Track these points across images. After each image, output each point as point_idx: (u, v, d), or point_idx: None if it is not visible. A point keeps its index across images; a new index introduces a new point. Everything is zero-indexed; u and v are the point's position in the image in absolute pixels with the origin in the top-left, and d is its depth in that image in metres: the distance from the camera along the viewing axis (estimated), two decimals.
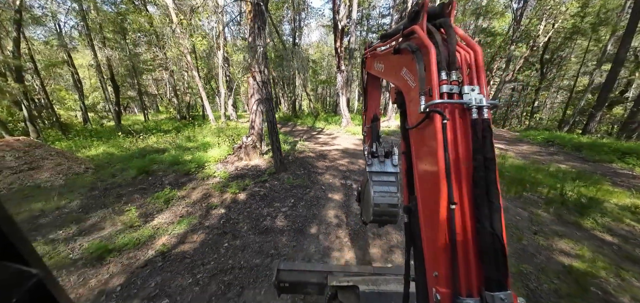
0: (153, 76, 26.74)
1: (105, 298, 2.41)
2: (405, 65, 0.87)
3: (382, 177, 1.24)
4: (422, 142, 0.80)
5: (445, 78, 0.70)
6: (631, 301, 2.58)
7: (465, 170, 0.69)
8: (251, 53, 5.62)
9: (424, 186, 0.81)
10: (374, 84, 1.64)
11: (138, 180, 5.93)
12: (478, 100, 0.68)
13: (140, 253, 3.08)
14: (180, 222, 3.80)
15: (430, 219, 0.77)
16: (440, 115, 0.69)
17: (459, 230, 0.68)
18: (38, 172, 6.55)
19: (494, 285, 0.64)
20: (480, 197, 0.66)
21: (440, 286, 0.71)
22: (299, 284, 1.71)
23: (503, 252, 0.65)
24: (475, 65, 0.73)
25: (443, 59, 0.71)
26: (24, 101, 12.66)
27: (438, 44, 0.73)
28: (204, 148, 9.06)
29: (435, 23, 0.80)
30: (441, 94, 0.70)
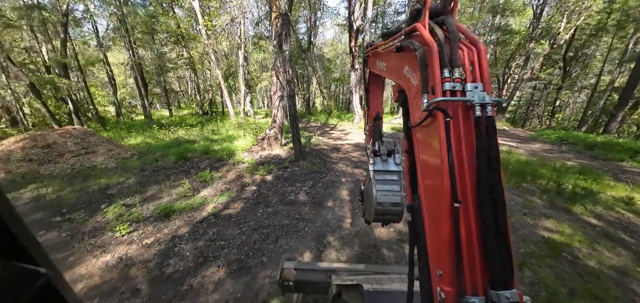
0: (176, 74, 28.47)
1: (178, 240, 3.28)
2: (408, 64, 0.87)
3: (385, 176, 1.24)
4: (425, 140, 0.80)
5: (447, 76, 0.70)
6: (597, 264, 3.10)
7: (469, 168, 0.69)
8: (277, 56, 6.41)
9: (428, 184, 0.80)
10: (376, 83, 1.65)
11: (178, 165, 6.91)
12: (481, 98, 0.67)
13: (196, 214, 3.95)
14: (222, 195, 4.66)
15: (434, 218, 0.77)
16: (443, 113, 0.69)
17: (463, 229, 0.67)
18: (94, 155, 7.72)
19: (500, 284, 0.64)
20: (485, 195, 0.66)
21: (444, 285, 0.71)
22: (303, 283, 1.70)
23: (508, 250, 0.65)
24: (478, 62, 0.73)
25: (445, 56, 0.71)
26: (72, 95, 14.27)
27: (440, 41, 0.72)
28: (229, 140, 10.03)
29: (438, 20, 0.80)
30: (444, 92, 0.70)
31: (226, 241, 3.26)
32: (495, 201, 0.66)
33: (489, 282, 0.66)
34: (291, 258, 2.15)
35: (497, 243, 0.65)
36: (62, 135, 8.00)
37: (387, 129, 13.39)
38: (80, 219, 3.87)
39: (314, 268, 1.79)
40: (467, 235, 0.68)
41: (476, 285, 0.67)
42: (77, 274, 2.70)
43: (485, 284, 0.66)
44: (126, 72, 26.32)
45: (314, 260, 2.99)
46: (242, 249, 3.11)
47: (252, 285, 2.57)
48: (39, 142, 7.55)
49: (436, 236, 0.76)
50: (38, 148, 7.42)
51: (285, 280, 1.69)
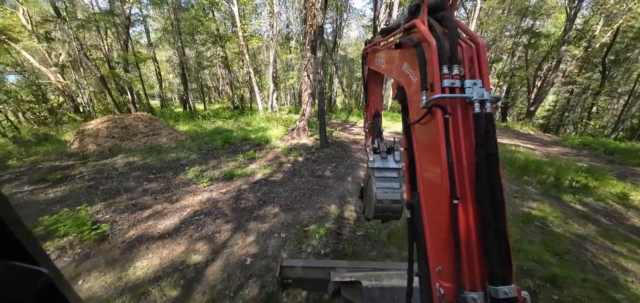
0: (211, 71, 31.10)
1: (243, 191, 4.65)
2: (407, 60, 0.87)
3: (385, 173, 1.24)
4: (425, 137, 0.81)
5: (446, 72, 0.70)
6: (562, 231, 3.91)
7: (467, 165, 0.69)
8: (310, 59, 7.65)
9: (427, 181, 0.81)
10: (375, 80, 1.66)
11: (225, 147, 8.46)
12: (480, 94, 0.67)
13: (251, 178, 5.33)
14: (266, 168, 6.02)
15: (433, 214, 0.78)
16: (442, 110, 0.69)
17: (462, 225, 0.68)
18: (159, 137, 9.55)
19: (498, 280, 0.65)
20: (483, 192, 0.67)
21: (443, 281, 0.72)
22: (302, 280, 1.73)
23: (507, 246, 0.66)
24: (477, 58, 0.73)
25: (444, 53, 0.70)
26: (131, 87, 16.80)
27: (439, 37, 0.72)
28: (262, 130, 11.53)
29: (437, 16, 0.80)
30: (443, 89, 0.69)
31: (275, 195, 4.56)
32: (494, 197, 0.67)
33: (488, 277, 0.67)
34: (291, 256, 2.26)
35: (496, 239, 0.66)
36: (135, 119, 9.97)
37: None
38: (170, 176, 5.43)
39: (313, 265, 1.78)
40: (466, 231, 0.69)
41: (475, 281, 0.68)
42: (183, 204, 4.15)
43: (484, 280, 0.67)
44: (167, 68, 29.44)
45: (337, 215, 4.14)
46: (287, 199, 4.39)
47: (296, 217, 3.82)
48: (118, 124, 9.54)
49: (435, 232, 0.77)
50: (118, 128, 9.39)
51: (284, 277, 1.70)
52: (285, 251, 3.05)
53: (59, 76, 15.96)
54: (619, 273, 3.02)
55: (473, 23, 18.08)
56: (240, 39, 17.03)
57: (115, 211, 3.92)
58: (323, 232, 3.42)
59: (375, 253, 3.08)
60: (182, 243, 3.17)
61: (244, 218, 3.79)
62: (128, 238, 3.23)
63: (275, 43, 18.56)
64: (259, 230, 3.47)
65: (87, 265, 2.76)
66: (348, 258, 2.96)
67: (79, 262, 2.81)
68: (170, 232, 3.39)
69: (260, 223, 3.66)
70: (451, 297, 0.70)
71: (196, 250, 3.03)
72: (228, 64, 22.68)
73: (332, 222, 3.73)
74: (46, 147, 8.59)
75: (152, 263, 2.80)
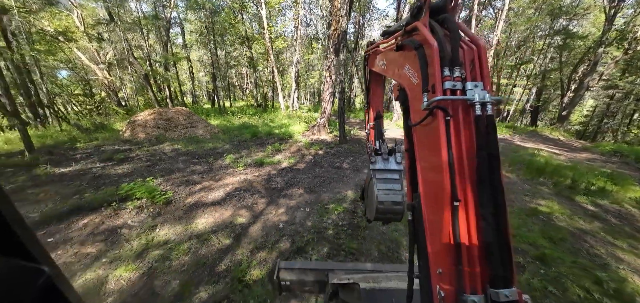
0: (238, 70, 32.88)
1: (272, 175, 5.43)
2: (408, 62, 0.88)
3: (386, 175, 1.26)
4: (425, 139, 0.81)
5: (448, 74, 0.71)
6: (565, 224, 4.19)
7: (469, 167, 0.70)
8: (332, 61, 8.30)
9: (428, 183, 0.82)
10: (377, 82, 1.70)
11: (253, 140, 9.37)
12: (481, 97, 0.68)
13: (278, 166, 6.10)
14: (291, 158, 6.77)
15: (433, 216, 0.78)
16: (444, 112, 0.70)
17: (462, 227, 0.68)
18: (196, 129, 10.73)
19: (499, 282, 0.65)
20: (485, 194, 0.67)
21: (444, 283, 0.72)
22: (300, 282, 1.73)
23: (508, 248, 0.66)
24: (478, 61, 0.73)
25: (446, 55, 0.71)
26: (169, 84, 18.55)
27: (441, 40, 0.73)
28: (285, 126, 12.38)
29: (438, 19, 0.81)
30: (444, 91, 0.71)
31: (300, 180, 5.29)
32: (495, 199, 0.67)
33: (489, 280, 0.66)
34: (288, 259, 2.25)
35: (497, 242, 0.65)
36: (176, 113, 11.26)
37: None
38: (211, 161, 6.36)
39: (311, 267, 1.79)
40: (467, 233, 0.69)
41: (475, 284, 0.67)
42: (226, 182, 5.00)
43: (484, 282, 0.67)
44: (198, 67, 31.63)
45: (353, 198, 4.73)
46: (310, 184, 5.09)
47: (318, 197, 4.50)
48: (163, 116, 10.86)
49: (436, 234, 0.77)
50: (162, 120, 10.70)
51: (282, 280, 1.69)
52: (310, 220, 3.73)
53: (105, 73, 18.05)
54: (611, 261, 3.32)
55: (501, 23, 17.63)
56: (267, 40, 18.10)
57: (173, 184, 4.85)
58: (341, 210, 4.05)
59: (385, 228, 3.65)
60: (228, 209, 3.97)
61: (275, 195, 4.54)
62: (187, 204, 4.10)
63: (299, 45, 19.43)
64: (287, 205, 4.19)
65: (160, 220, 3.64)
66: (361, 230, 3.55)
67: (153, 217, 3.70)
68: (219, 201, 4.22)
69: (288, 199, 4.38)
70: (451, 299, 0.70)
71: (240, 215, 3.80)
72: (253, 63, 23.98)
73: (348, 203, 4.35)
74: (103, 134, 10.06)
75: (208, 221, 3.61)
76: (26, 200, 3.99)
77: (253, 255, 2.96)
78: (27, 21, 11.76)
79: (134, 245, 3.07)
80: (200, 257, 2.91)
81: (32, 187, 4.52)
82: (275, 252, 3.00)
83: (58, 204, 3.91)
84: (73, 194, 4.31)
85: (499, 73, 22.91)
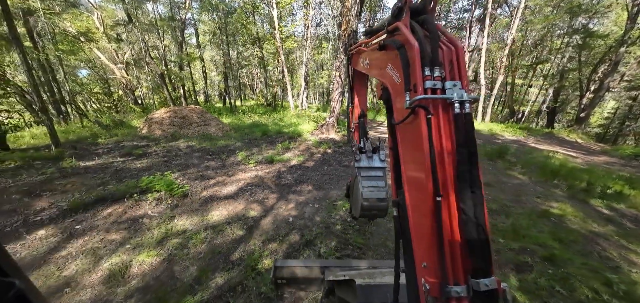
0: (248, 70, 33.42)
1: (282, 172, 5.59)
2: (391, 62, 0.90)
3: (370, 172, 1.29)
4: (408, 137, 0.84)
5: (428, 74, 0.73)
6: (576, 226, 4.12)
7: (449, 164, 0.72)
8: (342, 61, 8.38)
9: (411, 180, 0.84)
10: (361, 81, 1.70)
11: (263, 138, 9.58)
12: (460, 95, 0.70)
13: (287, 164, 6.26)
14: (300, 156, 6.92)
15: (417, 212, 0.81)
16: (425, 110, 0.72)
17: (445, 222, 0.71)
18: (209, 127, 11.06)
19: (479, 273, 0.68)
20: (464, 189, 0.70)
21: (429, 276, 0.75)
22: (296, 279, 1.76)
23: (487, 240, 0.69)
24: (456, 61, 0.76)
25: (426, 55, 0.73)
26: (183, 83, 19.11)
27: (421, 40, 0.75)
28: (294, 125, 12.55)
29: (418, 20, 0.83)
30: (425, 90, 0.72)
31: (309, 177, 5.42)
32: (474, 194, 0.69)
33: (470, 271, 0.70)
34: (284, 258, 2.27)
35: (477, 234, 0.68)
36: (190, 111, 11.64)
37: None
38: (224, 158, 6.60)
39: (307, 265, 1.81)
40: (449, 227, 0.71)
41: (458, 275, 0.70)
42: (238, 178, 5.20)
43: (466, 273, 0.70)
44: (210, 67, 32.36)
45: None
46: (319, 181, 5.22)
47: (326, 194, 4.62)
48: (178, 114, 11.25)
49: (420, 229, 0.79)
50: (177, 118, 11.10)
51: (278, 277, 1.73)
52: (318, 216, 3.85)
53: (123, 72, 18.81)
54: (624, 264, 3.27)
55: (516, 21, 17.18)
56: (277, 40, 18.36)
57: (189, 179, 5.09)
58: (348, 206, 4.14)
59: (391, 225, 3.72)
60: (241, 203, 4.15)
61: (284, 191, 4.69)
62: (202, 197, 4.31)
63: (309, 45, 19.58)
64: (297, 200, 4.33)
65: (178, 211, 3.86)
66: (369, 226, 3.64)
67: (172, 209, 3.92)
68: (232, 195, 4.41)
69: (298, 195, 4.52)
70: (436, 291, 0.72)
71: (252, 209, 3.97)
72: (264, 63, 24.35)
73: None
74: (122, 131, 10.54)
75: (222, 213, 3.80)
76: (56, 191, 4.31)
77: (265, 245, 3.11)
78: (51, 22, 12.43)
79: (154, 233, 3.29)
80: (216, 246, 3.08)
81: (60, 178, 4.86)
82: (285, 244, 3.14)
83: (84, 195, 4.20)
84: (98, 185, 4.61)
85: (514, 72, 22.28)
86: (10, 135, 7.70)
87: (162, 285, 2.51)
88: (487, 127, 15.27)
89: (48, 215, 3.59)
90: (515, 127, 16.38)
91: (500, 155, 7.74)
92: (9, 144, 6.52)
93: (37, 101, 6.05)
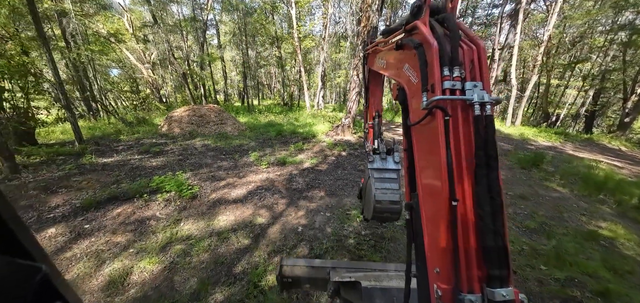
0: (266, 70, 33.81)
1: (294, 176, 5.36)
2: (408, 61, 0.88)
3: (384, 174, 1.24)
4: (424, 138, 0.81)
5: (447, 74, 0.70)
6: (636, 255, 3.50)
7: (467, 167, 0.69)
8: (360, 58, 8.01)
9: (426, 183, 0.82)
10: (376, 81, 1.68)
11: (278, 138, 9.45)
12: (480, 97, 0.67)
13: (300, 166, 6.03)
14: (313, 159, 6.67)
15: (432, 216, 0.78)
16: (443, 112, 0.69)
17: (460, 227, 0.68)
18: (225, 126, 11.15)
19: (496, 282, 0.65)
20: (482, 194, 0.67)
21: (441, 282, 0.72)
22: (301, 279, 1.75)
23: (505, 248, 0.66)
24: (478, 61, 0.73)
25: (445, 54, 0.71)
26: (204, 82, 19.63)
27: (440, 39, 0.72)
28: (309, 125, 12.34)
29: (438, 18, 0.81)
30: (443, 90, 0.70)
31: (321, 181, 5.14)
32: (493, 200, 0.66)
33: (486, 279, 0.66)
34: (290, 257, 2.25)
35: (494, 241, 0.65)
36: (208, 110, 11.82)
37: None
38: (237, 158, 6.52)
39: (313, 265, 1.81)
40: (464, 233, 0.69)
41: (473, 283, 0.67)
42: (248, 180, 5.05)
43: (481, 282, 0.67)
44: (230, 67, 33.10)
45: None
46: (332, 186, 4.93)
47: (339, 201, 4.32)
48: (196, 113, 11.47)
49: (434, 234, 0.77)
50: (196, 116, 11.30)
51: (284, 276, 1.74)
52: (330, 226, 3.56)
53: (149, 72, 19.67)
54: None
55: (553, 17, 15.73)
56: (295, 39, 18.26)
57: (200, 179, 5.02)
58: (362, 217, 3.82)
59: None
60: (249, 207, 3.97)
61: (295, 196, 4.45)
62: (211, 200, 4.19)
63: (326, 44, 19.31)
64: (307, 207, 4.07)
65: (185, 214, 3.75)
66: (386, 242, 3.30)
67: (179, 211, 3.82)
68: (241, 199, 4.25)
69: (309, 202, 4.26)
70: (448, 298, 0.70)
71: (260, 215, 3.78)
72: (282, 63, 24.44)
73: None
74: (144, 128, 10.90)
75: (229, 218, 3.64)
76: (72, 188, 4.40)
77: (270, 258, 2.88)
78: (83, 24, 13.16)
79: (159, 237, 3.18)
80: (219, 255, 2.91)
81: (78, 175, 4.98)
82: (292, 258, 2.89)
83: (97, 193, 4.24)
84: (112, 183, 4.66)
85: (550, 72, 20.52)
86: (41, 130, 8.20)
87: (161, 296, 2.37)
88: (517, 130, 14.13)
89: (61, 213, 3.63)
90: (549, 131, 15.02)
91: (535, 163, 6.98)
92: (38, 139, 6.91)
93: (62, 98, 6.31)
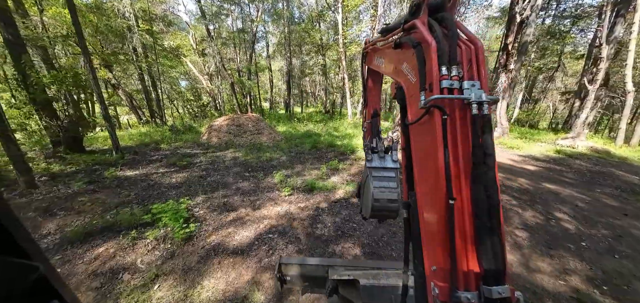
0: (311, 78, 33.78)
1: (321, 211, 4.09)
2: (406, 60, 0.88)
3: (382, 173, 1.24)
4: (422, 137, 0.81)
5: (445, 73, 0.70)
6: None
7: (464, 166, 0.70)
8: None
9: (424, 182, 0.82)
10: (375, 79, 1.66)
11: (312, 152, 8.34)
12: (478, 96, 0.68)
13: (330, 195, 4.72)
14: (348, 184, 5.27)
15: (429, 214, 0.79)
16: (441, 111, 0.70)
17: (457, 225, 0.69)
18: (261, 136, 10.63)
19: (492, 280, 0.66)
20: (479, 192, 0.67)
21: (438, 280, 0.73)
22: (300, 277, 1.76)
23: (501, 246, 0.67)
24: (476, 60, 0.73)
25: (444, 53, 0.71)
26: (250, 92, 20.17)
27: (439, 38, 0.72)
28: (348, 137, 10.97)
29: (437, 17, 0.80)
30: (441, 89, 0.70)
31: (357, 225, 3.71)
32: (489, 198, 0.67)
33: (482, 277, 0.67)
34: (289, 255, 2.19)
35: (491, 240, 0.66)
36: (247, 119, 11.56)
37: None
38: (260, 177, 5.58)
39: (311, 263, 1.80)
40: (461, 231, 0.69)
41: (469, 281, 0.68)
42: (262, 215, 3.98)
43: (478, 279, 0.68)
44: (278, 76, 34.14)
45: None
46: (371, 237, 3.45)
47: None
48: (235, 122, 11.29)
49: (431, 232, 0.77)
50: (234, 126, 11.11)
51: (282, 274, 1.74)
52: None
53: (208, 82, 21.18)
54: None
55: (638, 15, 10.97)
56: (340, 45, 17.23)
57: (209, 208, 4.17)
58: None
59: None
60: (250, 266, 2.82)
61: (317, 250, 3.15)
62: (208, 244, 3.21)
63: None
64: None
65: (168, 267, 2.82)
66: None
67: (164, 260, 2.92)
68: (244, 248, 3.14)
69: None
70: (445, 296, 0.70)
71: (261, 283, 2.59)
72: (326, 71, 23.74)
73: None
74: (188, 136, 11.13)
75: (218, 286, 2.54)
76: (72, 210, 3.98)
77: None
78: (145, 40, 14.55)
79: None
80: None
81: (89, 192, 4.66)
82: None
83: (94, 219, 3.70)
84: (116, 206, 4.15)
85: None
86: (90, 135, 8.81)
87: None
88: (637, 153, 10.11)
89: (45, 245, 3.11)
90: None
91: None
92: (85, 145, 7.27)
93: (102, 109, 6.41)
